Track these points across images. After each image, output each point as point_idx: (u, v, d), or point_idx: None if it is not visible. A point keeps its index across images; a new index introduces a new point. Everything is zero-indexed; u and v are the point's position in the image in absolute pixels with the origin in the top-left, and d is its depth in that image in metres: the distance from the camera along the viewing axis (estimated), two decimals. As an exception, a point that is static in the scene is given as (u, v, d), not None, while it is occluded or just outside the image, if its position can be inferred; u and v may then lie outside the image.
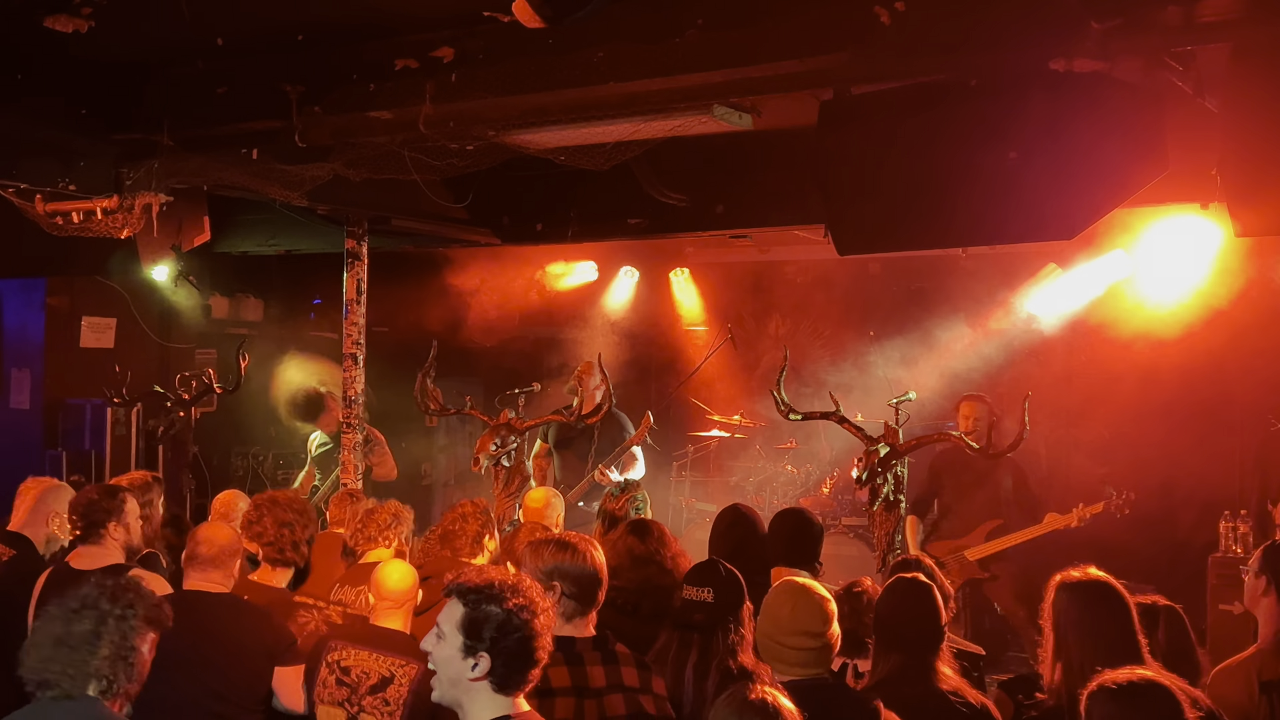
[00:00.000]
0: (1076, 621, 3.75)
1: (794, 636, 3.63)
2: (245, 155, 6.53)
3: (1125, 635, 3.73)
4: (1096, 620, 3.74)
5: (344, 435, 8.25)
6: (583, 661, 3.62)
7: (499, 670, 2.95)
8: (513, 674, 2.97)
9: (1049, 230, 4.98)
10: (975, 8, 4.51)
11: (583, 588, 3.71)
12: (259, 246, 9.45)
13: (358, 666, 4.26)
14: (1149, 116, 4.72)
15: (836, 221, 5.41)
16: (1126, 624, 3.76)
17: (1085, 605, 3.78)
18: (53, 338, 9.84)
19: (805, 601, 3.69)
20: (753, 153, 7.36)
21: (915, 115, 5.01)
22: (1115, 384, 9.00)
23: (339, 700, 4.25)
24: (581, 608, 3.72)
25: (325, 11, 5.30)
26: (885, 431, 6.11)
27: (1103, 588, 3.82)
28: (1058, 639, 3.79)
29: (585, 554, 3.76)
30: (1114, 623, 3.75)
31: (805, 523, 5.31)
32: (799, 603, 3.68)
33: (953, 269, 9.59)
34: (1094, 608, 3.77)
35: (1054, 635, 3.81)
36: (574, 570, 3.71)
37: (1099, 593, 3.81)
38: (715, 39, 4.94)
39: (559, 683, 3.54)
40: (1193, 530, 8.36)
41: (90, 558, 4.78)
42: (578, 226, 8.50)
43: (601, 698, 3.59)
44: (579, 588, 3.71)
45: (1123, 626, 3.75)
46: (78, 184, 6.75)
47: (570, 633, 3.67)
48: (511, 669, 2.96)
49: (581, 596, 3.71)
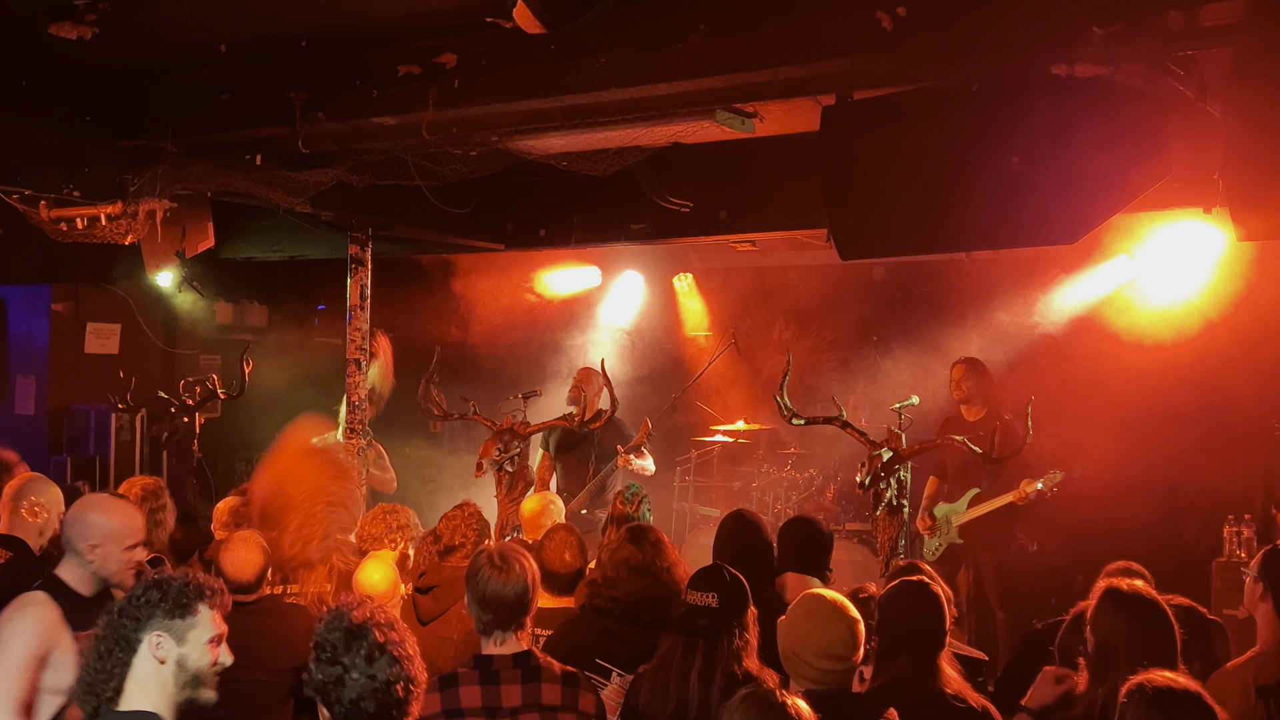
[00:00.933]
0: (1129, 640, 3.72)
1: (821, 659, 3.61)
2: (249, 161, 6.54)
3: (1171, 657, 3.70)
4: (1151, 642, 3.70)
5: (348, 441, 8.26)
6: (498, 680, 3.62)
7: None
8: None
9: (1052, 235, 4.97)
10: (977, 13, 4.52)
11: (493, 610, 3.72)
12: (263, 252, 9.48)
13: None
14: (1152, 121, 4.72)
15: (839, 227, 5.41)
16: (1173, 646, 3.74)
17: (1141, 625, 3.75)
18: (58, 344, 9.87)
19: (837, 623, 3.65)
20: (755, 158, 7.36)
21: (918, 120, 5.01)
22: (1119, 388, 8.99)
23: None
24: (494, 629, 3.72)
25: (328, 18, 5.31)
26: (888, 436, 6.11)
27: (1158, 610, 3.79)
28: (1105, 653, 3.75)
29: (500, 573, 3.76)
30: (1165, 645, 3.72)
31: (815, 530, 5.31)
32: (831, 625, 3.64)
33: (956, 273, 9.58)
34: (1150, 629, 3.74)
35: (1101, 649, 3.77)
36: (480, 593, 3.74)
37: (1155, 615, 3.78)
38: (717, 44, 4.94)
39: (469, 702, 3.55)
40: (1197, 534, 8.35)
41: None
42: (581, 232, 8.51)
43: (515, 717, 3.59)
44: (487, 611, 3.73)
45: (1171, 649, 3.73)
46: (82, 190, 6.76)
47: (491, 650, 3.68)
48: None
49: (494, 620, 3.72)
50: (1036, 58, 4.51)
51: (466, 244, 9.09)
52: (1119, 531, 8.55)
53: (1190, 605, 4.44)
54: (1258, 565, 4.24)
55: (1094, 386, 9.28)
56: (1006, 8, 4.47)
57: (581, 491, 8.18)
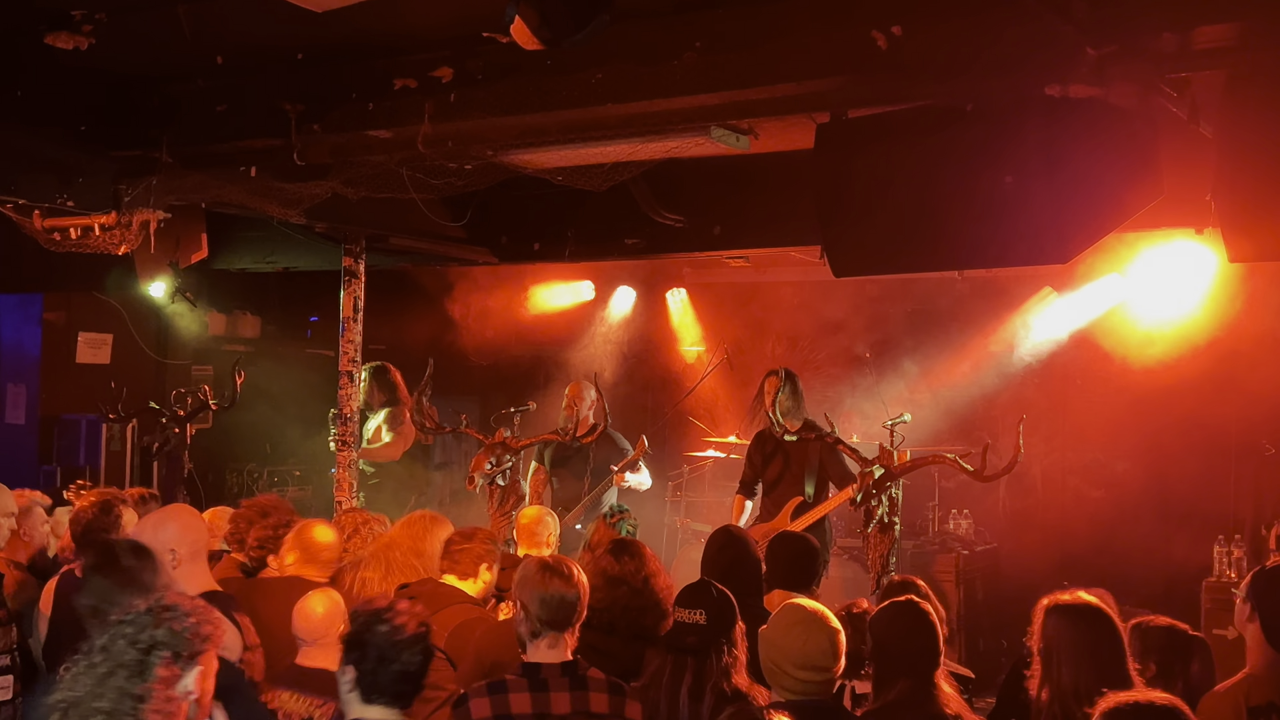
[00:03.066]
0: (1068, 644, 3.77)
1: (802, 670, 3.63)
2: (244, 173, 6.54)
3: (1116, 658, 3.76)
4: (1087, 643, 3.76)
5: (339, 454, 8.25)
6: (547, 688, 3.61)
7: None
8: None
9: (1045, 254, 4.99)
10: (971, 33, 4.54)
11: (551, 611, 3.71)
12: (256, 263, 9.47)
13: (282, 709, 4.24)
14: (1144, 142, 4.74)
15: (833, 244, 5.42)
16: (1117, 647, 3.80)
17: (1076, 628, 3.80)
18: (49, 353, 9.84)
19: (817, 634, 3.67)
20: (750, 174, 7.38)
21: (912, 139, 5.03)
22: (1110, 408, 9.01)
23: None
24: (548, 631, 3.71)
25: (325, 31, 5.32)
26: (880, 453, 6.12)
27: (1093, 611, 3.85)
28: (1047, 661, 3.80)
29: (560, 577, 3.75)
30: (1105, 645, 3.77)
31: (805, 547, 5.32)
32: (811, 635, 3.66)
33: (949, 292, 9.60)
34: (1085, 630, 3.79)
35: (1043, 658, 3.82)
36: (540, 594, 3.71)
37: (1090, 616, 3.83)
38: (713, 62, 4.96)
39: (519, 709, 3.54)
40: (1187, 554, 8.36)
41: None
42: (575, 246, 8.52)
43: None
44: (546, 611, 3.70)
45: (1114, 649, 3.78)
46: (76, 200, 6.75)
47: (537, 658, 3.66)
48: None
49: (550, 621, 3.71)
50: (1030, 78, 4.53)
51: (460, 257, 9.10)
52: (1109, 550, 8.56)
53: (1171, 624, 4.46)
54: (1246, 586, 4.24)
55: (1085, 406, 9.31)
56: (1001, 28, 4.49)
57: (576, 506, 8.17)
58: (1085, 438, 9.33)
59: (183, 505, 5.14)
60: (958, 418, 9.70)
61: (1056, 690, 3.73)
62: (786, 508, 7.54)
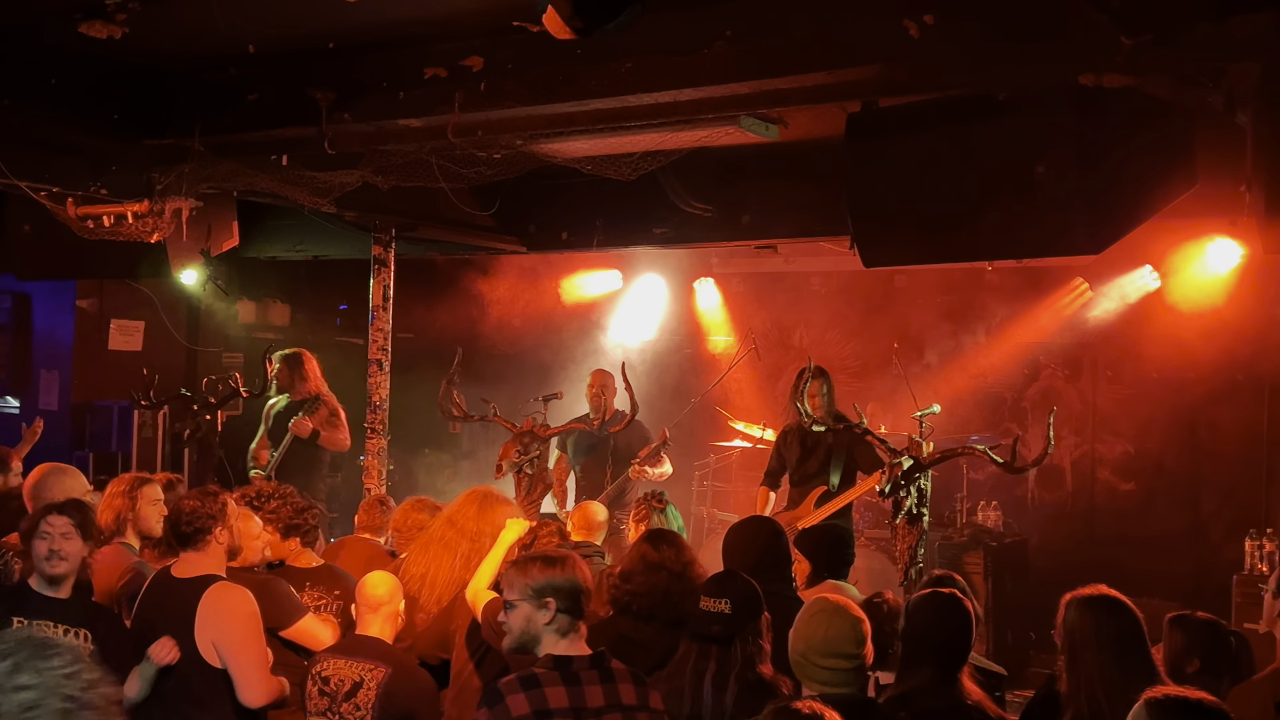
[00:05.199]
0: (1089, 634, 3.81)
1: (828, 658, 3.63)
2: (275, 161, 6.58)
3: (1139, 648, 3.80)
4: (1110, 633, 3.79)
5: (368, 440, 8.29)
6: (580, 681, 3.61)
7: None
8: None
9: (1077, 245, 4.96)
10: (1004, 22, 4.50)
11: (574, 601, 3.71)
12: (287, 252, 9.52)
13: (335, 675, 4.35)
14: (1178, 132, 4.71)
15: (862, 234, 5.41)
16: (1139, 637, 3.82)
17: (1098, 619, 3.84)
18: (82, 340, 9.93)
19: (840, 622, 3.68)
20: (779, 164, 7.36)
21: (943, 128, 5.00)
22: (1141, 400, 8.96)
23: (321, 710, 4.33)
24: (574, 622, 3.71)
25: (356, 20, 5.33)
26: (909, 444, 6.10)
27: (1114, 602, 3.88)
28: (1071, 654, 3.83)
29: (573, 567, 3.75)
30: (1127, 633, 3.80)
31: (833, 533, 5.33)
32: (833, 624, 3.67)
33: (978, 282, 9.56)
34: (1107, 621, 3.82)
35: (1068, 651, 3.85)
36: (565, 585, 3.70)
37: (1111, 607, 3.87)
38: (744, 51, 4.94)
39: (556, 703, 3.53)
40: (1218, 547, 8.31)
41: (192, 565, 4.61)
42: (603, 235, 8.52)
43: (600, 717, 3.58)
44: (571, 602, 3.70)
45: (1136, 639, 3.81)
46: (109, 188, 6.81)
47: (567, 651, 3.66)
48: None
49: (574, 610, 3.70)
50: (1063, 67, 4.49)
51: (489, 246, 9.12)
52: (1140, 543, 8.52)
53: (1214, 620, 4.43)
54: (1275, 581, 4.23)
55: (1116, 398, 9.25)
56: (1034, 17, 4.46)
57: (600, 495, 8.18)
58: (1116, 430, 9.27)
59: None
60: (987, 409, 9.66)
61: (1082, 681, 3.75)
62: (811, 496, 7.58)
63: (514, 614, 3.66)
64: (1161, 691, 2.95)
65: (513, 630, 3.66)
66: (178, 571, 4.61)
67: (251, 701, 4.38)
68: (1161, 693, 2.94)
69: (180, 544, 4.66)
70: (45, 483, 5.30)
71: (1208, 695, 2.96)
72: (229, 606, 4.42)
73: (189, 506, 4.65)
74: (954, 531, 8.95)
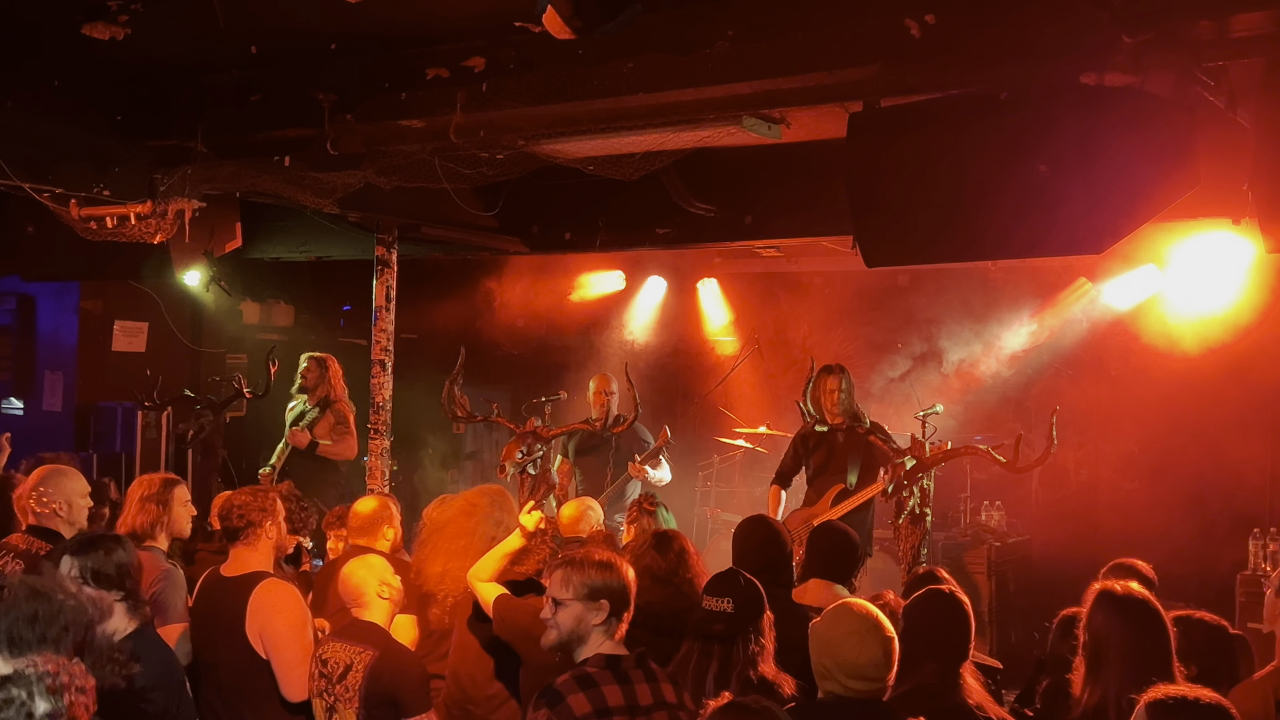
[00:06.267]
0: (1120, 641, 3.70)
1: (855, 680, 3.53)
2: (278, 162, 6.58)
3: (1165, 659, 3.69)
4: (1142, 642, 3.69)
5: (371, 441, 8.30)
6: (630, 680, 3.62)
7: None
8: None
9: (1080, 244, 4.95)
10: (1006, 21, 4.50)
11: (624, 604, 3.72)
12: (290, 253, 9.53)
13: (333, 658, 4.39)
14: (1181, 131, 4.69)
15: (864, 233, 5.40)
16: (1166, 649, 3.72)
17: (1131, 625, 3.72)
18: (85, 341, 9.94)
19: (873, 646, 3.55)
20: (781, 164, 7.36)
21: (945, 128, 4.99)
22: (1145, 399, 8.94)
23: (319, 691, 4.39)
24: (618, 625, 3.73)
25: (358, 21, 5.34)
26: (912, 444, 6.09)
27: (1150, 611, 3.76)
28: (1096, 655, 3.74)
29: (622, 570, 3.77)
30: (1158, 647, 3.70)
31: (845, 540, 5.29)
32: (866, 647, 3.54)
33: (981, 282, 9.55)
34: (1142, 631, 3.71)
35: (1092, 651, 3.76)
36: (618, 587, 3.71)
37: (1148, 616, 3.75)
38: (745, 51, 4.95)
39: (614, 701, 3.54)
40: (1221, 547, 8.29)
41: (241, 562, 4.66)
42: (606, 236, 8.53)
43: (650, 715, 3.59)
44: (621, 604, 3.71)
45: (1163, 650, 3.71)
46: (112, 189, 6.81)
47: (614, 651, 3.67)
48: None
49: (620, 613, 3.72)
50: (1065, 66, 4.49)
51: (492, 246, 9.13)
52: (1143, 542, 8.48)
53: (1215, 621, 4.39)
54: (1277, 579, 4.22)
55: (1119, 397, 9.24)
56: (1036, 16, 4.45)
57: (600, 497, 8.18)
58: (1119, 429, 9.26)
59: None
60: (990, 409, 9.65)
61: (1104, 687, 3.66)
62: (828, 494, 7.57)
63: (564, 612, 3.68)
64: (1163, 692, 2.93)
65: (561, 628, 3.69)
66: (227, 570, 4.69)
67: (293, 696, 4.46)
68: (1163, 693, 2.92)
69: (229, 538, 4.74)
70: (46, 483, 5.30)
71: (1209, 692, 2.95)
72: (276, 602, 4.51)
73: (240, 500, 4.73)
74: (957, 531, 8.95)
